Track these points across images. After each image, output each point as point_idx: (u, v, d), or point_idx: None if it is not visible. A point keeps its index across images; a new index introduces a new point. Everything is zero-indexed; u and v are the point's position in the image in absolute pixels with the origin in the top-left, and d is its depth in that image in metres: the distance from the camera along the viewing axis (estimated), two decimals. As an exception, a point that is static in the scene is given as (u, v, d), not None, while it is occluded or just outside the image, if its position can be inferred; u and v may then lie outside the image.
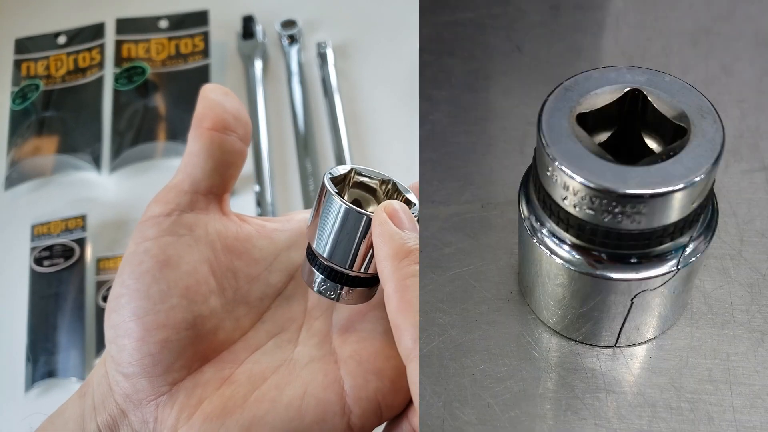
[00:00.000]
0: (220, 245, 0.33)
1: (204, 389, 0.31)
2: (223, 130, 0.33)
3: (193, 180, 0.33)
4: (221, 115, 0.33)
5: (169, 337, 0.31)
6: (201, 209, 0.33)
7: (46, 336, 0.60)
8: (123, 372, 0.31)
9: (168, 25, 0.76)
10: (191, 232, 0.33)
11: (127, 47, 0.75)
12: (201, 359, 0.32)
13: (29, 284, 0.63)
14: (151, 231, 0.32)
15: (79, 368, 0.59)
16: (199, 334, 0.32)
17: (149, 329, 0.31)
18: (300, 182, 0.67)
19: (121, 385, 0.31)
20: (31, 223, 0.66)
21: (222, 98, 0.33)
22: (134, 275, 0.31)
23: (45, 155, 0.70)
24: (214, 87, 0.34)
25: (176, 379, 0.32)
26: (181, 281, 0.32)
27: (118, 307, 0.31)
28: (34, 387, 0.59)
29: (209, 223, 0.33)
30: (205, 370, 0.32)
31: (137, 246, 0.32)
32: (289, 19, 0.75)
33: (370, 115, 0.71)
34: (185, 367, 0.32)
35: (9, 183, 0.69)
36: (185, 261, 0.32)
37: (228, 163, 0.33)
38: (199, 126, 0.33)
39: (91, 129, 0.71)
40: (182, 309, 0.31)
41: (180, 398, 0.31)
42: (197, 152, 0.33)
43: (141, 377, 0.31)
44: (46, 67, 0.75)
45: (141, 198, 0.68)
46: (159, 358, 0.31)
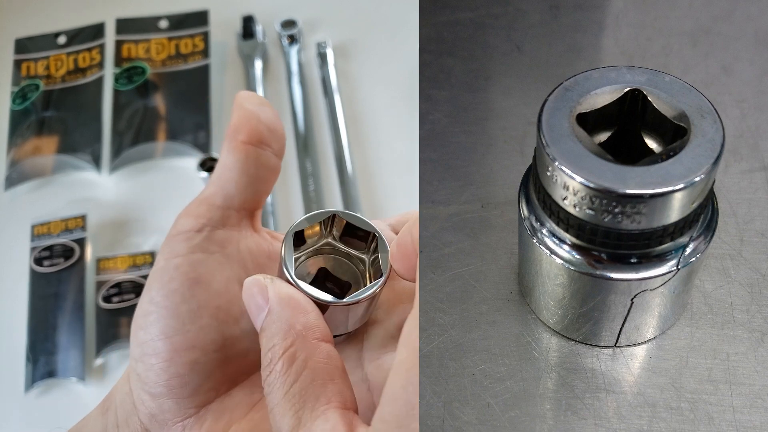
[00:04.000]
0: (252, 264, 0.32)
1: (233, 413, 0.31)
2: (258, 143, 0.31)
3: (226, 195, 0.32)
4: (256, 127, 0.31)
5: (198, 359, 0.30)
6: (233, 225, 0.32)
7: (46, 336, 0.60)
8: (149, 392, 0.30)
9: (168, 25, 0.76)
10: (223, 250, 0.32)
11: (127, 47, 0.75)
12: (230, 382, 0.31)
13: (29, 284, 0.63)
14: (181, 246, 0.31)
15: (79, 368, 0.59)
16: (229, 355, 0.31)
17: (178, 350, 0.30)
18: (300, 182, 0.67)
19: (147, 405, 0.31)
20: (31, 223, 0.66)
21: (258, 108, 0.32)
22: (163, 292, 0.30)
23: (45, 155, 0.70)
24: (249, 96, 0.32)
25: (204, 402, 0.31)
26: (212, 301, 0.31)
27: (146, 325, 0.30)
28: (34, 387, 0.59)
29: (241, 241, 0.32)
30: (234, 393, 0.31)
31: (167, 262, 0.31)
32: (289, 19, 0.75)
33: (370, 115, 0.71)
34: (213, 389, 0.31)
35: (9, 183, 0.69)
36: (216, 280, 0.31)
37: (262, 179, 0.32)
38: (234, 138, 0.31)
39: (91, 129, 0.71)
40: (212, 330, 0.30)
41: (208, 421, 0.30)
42: (231, 166, 0.31)
43: (168, 398, 0.30)
44: (46, 67, 0.75)
45: (141, 198, 0.69)
46: (187, 380, 0.30)
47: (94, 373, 0.59)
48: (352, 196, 0.65)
